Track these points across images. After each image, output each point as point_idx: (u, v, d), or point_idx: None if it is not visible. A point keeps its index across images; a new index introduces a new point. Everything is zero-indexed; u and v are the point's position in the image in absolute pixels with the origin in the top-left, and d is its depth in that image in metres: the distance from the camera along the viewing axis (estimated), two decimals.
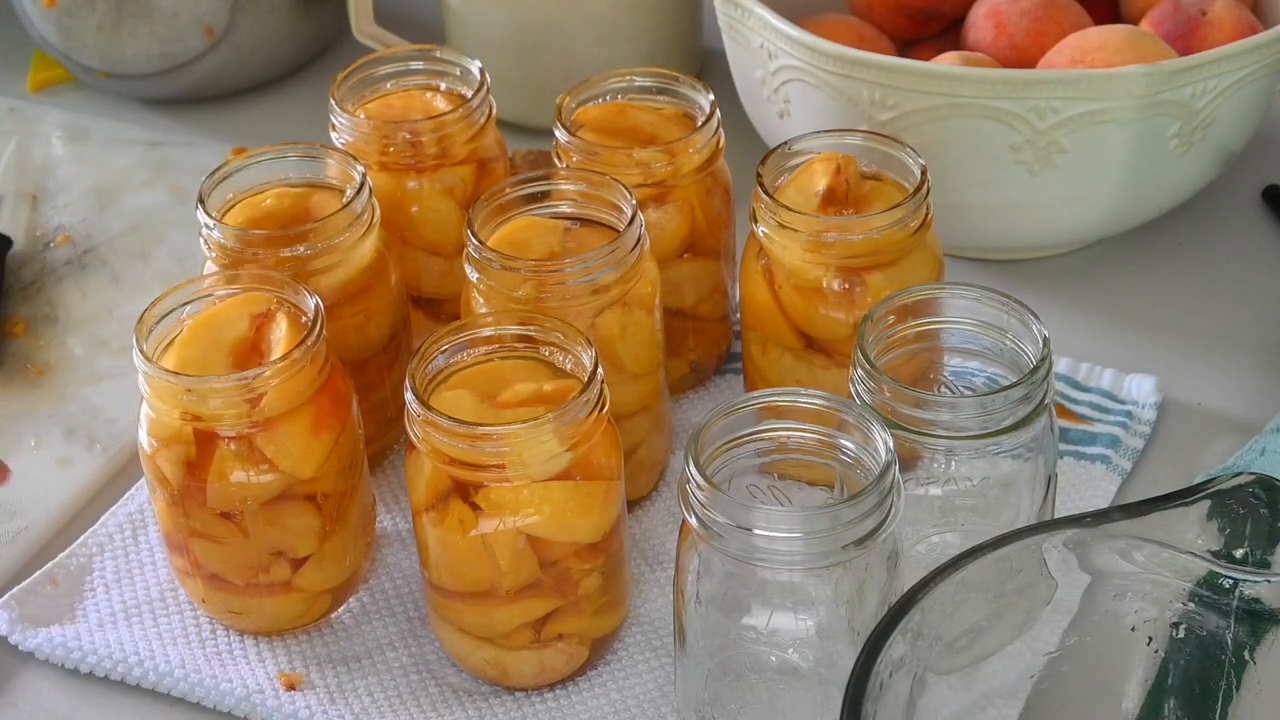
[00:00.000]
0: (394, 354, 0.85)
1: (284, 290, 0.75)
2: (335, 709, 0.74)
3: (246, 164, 0.83)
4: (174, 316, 0.75)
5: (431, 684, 0.76)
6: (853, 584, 0.65)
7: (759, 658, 0.68)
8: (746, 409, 0.67)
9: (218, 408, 0.71)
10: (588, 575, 0.72)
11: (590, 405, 0.69)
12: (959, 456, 0.71)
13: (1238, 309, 0.96)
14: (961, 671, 0.65)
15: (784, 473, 0.69)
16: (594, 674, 0.76)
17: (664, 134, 0.86)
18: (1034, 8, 0.97)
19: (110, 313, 0.98)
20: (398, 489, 0.86)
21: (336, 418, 0.74)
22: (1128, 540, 0.63)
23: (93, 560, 0.82)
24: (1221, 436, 0.87)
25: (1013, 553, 0.62)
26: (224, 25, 1.12)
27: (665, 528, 0.83)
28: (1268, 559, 0.62)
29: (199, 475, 0.72)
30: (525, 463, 0.68)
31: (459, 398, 0.71)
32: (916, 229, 0.79)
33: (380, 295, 0.82)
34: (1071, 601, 0.65)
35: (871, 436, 0.66)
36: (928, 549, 0.74)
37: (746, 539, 0.63)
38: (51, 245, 1.04)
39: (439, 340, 0.72)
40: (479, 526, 0.69)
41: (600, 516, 0.71)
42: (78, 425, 0.90)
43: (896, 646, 0.58)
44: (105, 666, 0.77)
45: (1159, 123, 0.88)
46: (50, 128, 1.15)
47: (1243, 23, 0.95)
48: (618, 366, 0.78)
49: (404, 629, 0.78)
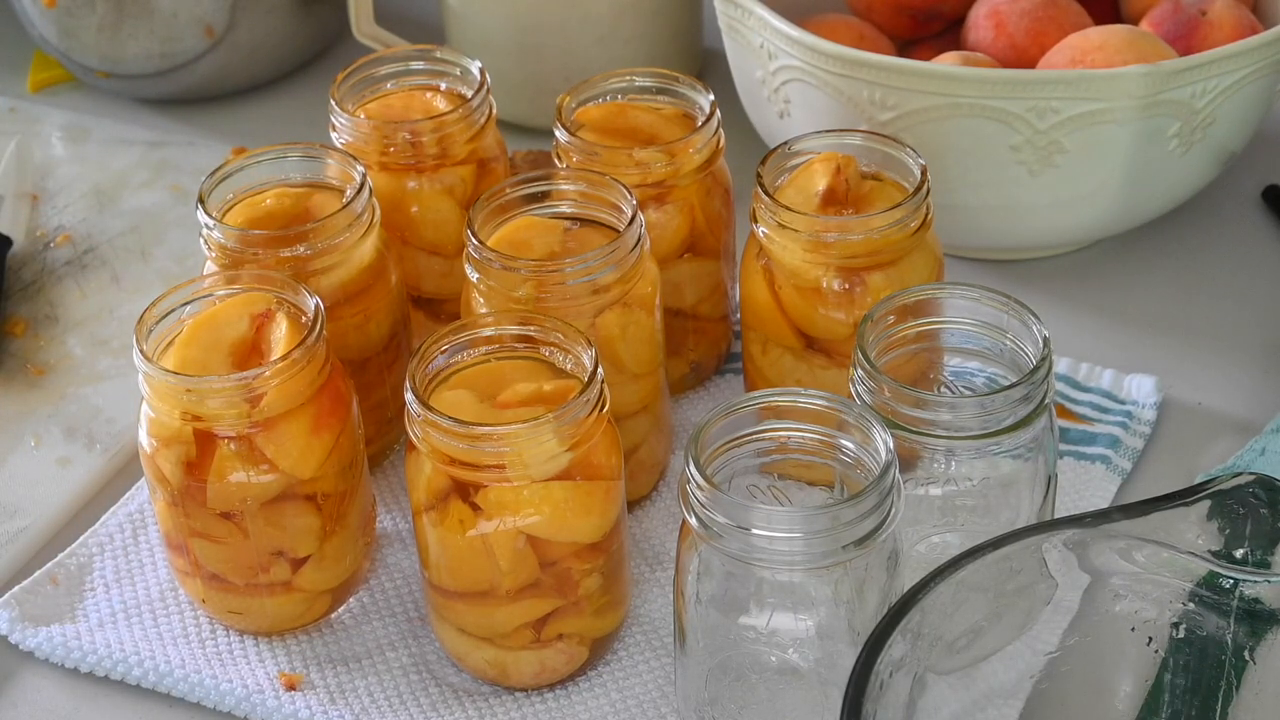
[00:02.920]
0: (394, 354, 0.85)
1: (284, 290, 0.75)
2: (335, 709, 0.74)
3: (246, 164, 0.83)
4: (174, 316, 0.75)
5: (431, 684, 0.76)
6: (853, 584, 0.65)
7: (759, 658, 0.68)
8: (746, 409, 0.67)
9: (218, 408, 0.71)
10: (588, 575, 0.72)
11: (590, 405, 0.69)
12: (959, 456, 0.71)
13: (1238, 309, 0.96)
14: (961, 671, 0.65)
15: (784, 473, 0.69)
16: (594, 674, 0.76)
17: (664, 134, 0.86)
18: (1034, 8, 0.97)
19: (110, 313, 0.98)
20: (398, 489, 0.86)
21: (336, 418, 0.74)
22: (1128, 540, 0.63)
23: (93, 560, 0.82)
24: (1221, 436, 0.87)
25: (1013, 553, 0.62)
26: (224, 25, 1.12)
27: (665, 528, 0.83)
28: (1268, 559, 0.62)
29: (199, 475, 0.72)
30: (525, 463, 0.68)
31: (459, 398, 0.71)
32: (916, 229, 0.79)
33: (380, 295, 0.82)
34: (1071, 601, 0.65)
35: (871, 436, 0.66)
36: (928, 549, 0.74)
37: (746, 539, 0.63)
38: (51, 245, 1.04)
39: (439, 340, 0.72)
40: (479, 526, 0.69)
41: (600, 516, 0.71)
42: (78, 425, 0.90)
43: (896, 646, 0.58)
44: (105, 666, 0.77)
45: (1159, 123, 0.88)
46: (50, 128, 1.15)
47: (1243, 23, 0.95)
48: (618, 366, 0.78)
49: (404, 629, 0.78)
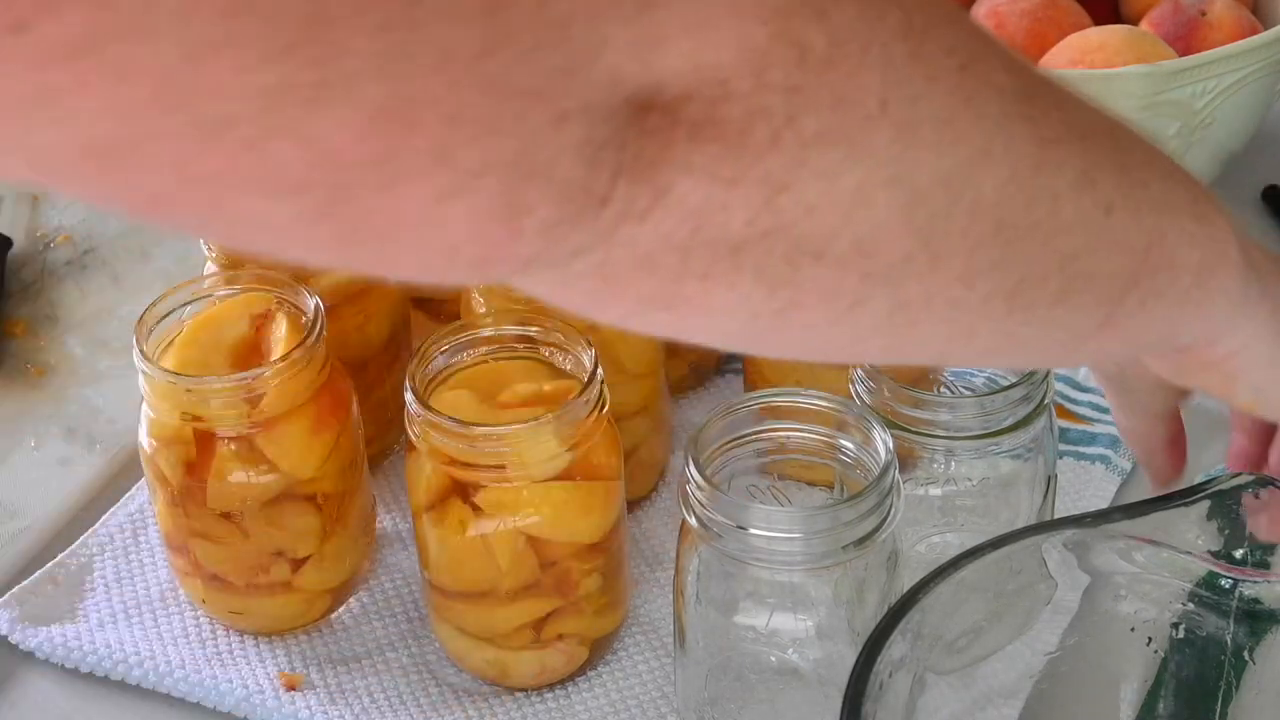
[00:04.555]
0: (394, 354, 0.85)
1: (284, 290, 0.75)
2: (335, 709, 0.74)
3: None
4: (174, 317, 0.75)
5: (431, 684, 0.76)
6: (853, 584, 0.65)
7: (759, 658, 0.67)
8: (746, 409, 0.67)
9: (218, 408, 0.71)
10: (588, 575, 0.72)
11: (590, 405, 0.69)
12: (959, 457, 0.71)
13: None
14: (961, 671, 0.65)
15: (784, 473, 0.69)
16: (594, 674, 0.76)
17: None
18: (1034, 8, 0.97)
19: (110, 313, 0.98)
20: (398, 489, 0.86)
21: (336, 418, 0.74)
22: (1128, 540, 0.63)
23: (93, 560, 0.82)
24: (1221, 436, 0.86)
25: (1013, 553, 0.62)
26: None
27: (665, 528, 0.83)
28: (1268, 559, 0.62)
29: (199, 475, 0.72)
30: (525, 463, 0.68)
31: (459, 398, 0.71)
32: None
33: (380, 295, 0.82)
34: (1071, 601, 0.65)
35: (871, 437, 0.66)
36: (928, 549, 0.74)
37: (746, 539, 0.63)
38: (51, 245, 1.04)
39: (439, 340, 0.72)
40: (479, 527, 0.69)
41: (600, 516, 0.71)
42: (78, 425, 0.90)
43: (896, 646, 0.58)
44: (105, 666, 0.77)
45: (1159, 123, 0.88)
46: None
47: (1243, 23, 0.95)
48: (618, 366, 0.78)
49: (404, 629, 0.78)
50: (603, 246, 0.39)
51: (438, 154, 0.34)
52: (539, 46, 0.34)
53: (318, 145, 0.33)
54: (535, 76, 0.35)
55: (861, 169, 0.40)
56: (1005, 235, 0.45)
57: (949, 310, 0.45)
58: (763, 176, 0.39)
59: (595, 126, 0.36)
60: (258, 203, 0.35)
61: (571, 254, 0.39)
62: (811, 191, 0.40)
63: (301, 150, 0.33)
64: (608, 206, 0.37)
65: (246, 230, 0.37)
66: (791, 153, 0.39)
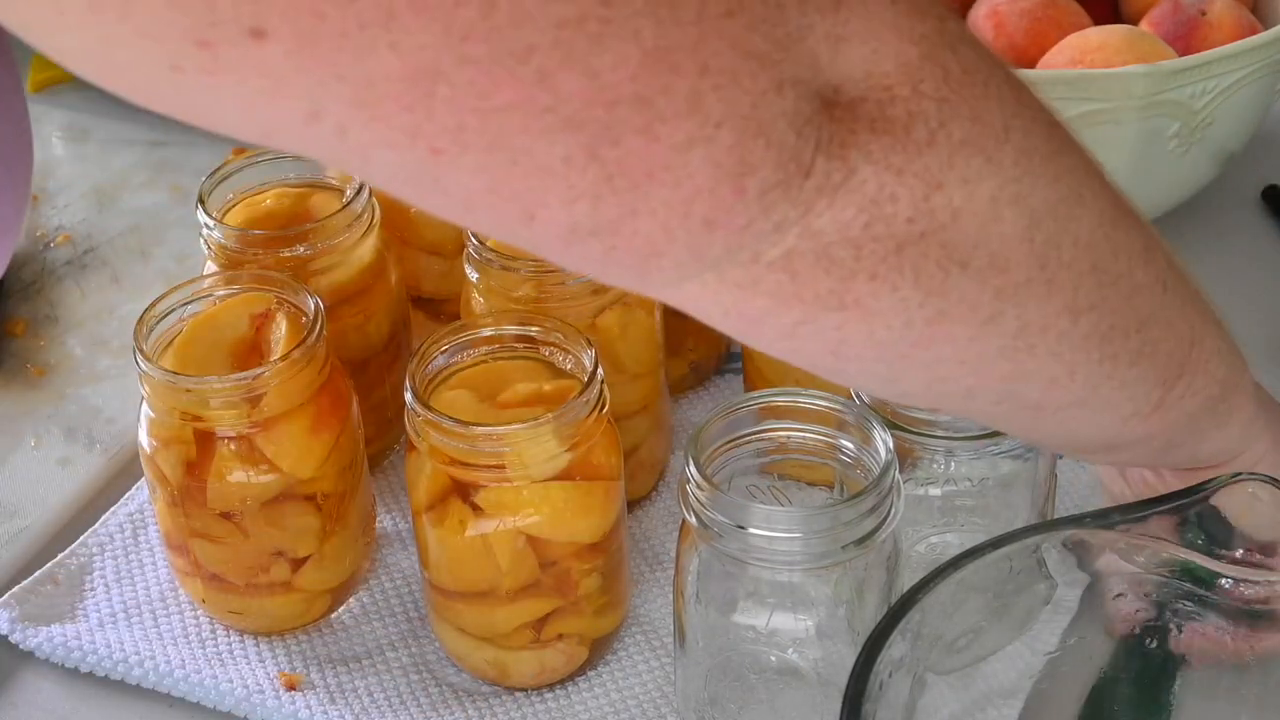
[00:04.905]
0: (394, 354, 0.85)
1: (284, 290, 0.75)
2: (335, 709, 0.74)
3: (246, 164, 0.83)
4: (174, 316, 0.75)
5: (431, 684, 0.76)
6: (852, 584, 0.65)
7: (759, 658, 0.67)
8: (746, 409, 0.67)
9: (218, 408, 0.71)
10: (587, 575, 0.72)
11: (590, 405, 0.69)
12: (959, 457, 0.71)
13: (1238, 309, 0.95)
14: (961, 671, 0.65)
15: (784, 473, 0.69)
16: (594, 674, 0.76)
17: None
18: (1034, 8, 0.97)
19: (110, 313, 0.98)
20: (398, 489, 0.86)
21: (336, 418, 0.74)
22: (1128, 540, 0.63)
23: (93, 560, 0.82)
24: None
25: (1013, 553, 0.62)
26: None
27: (665, 528, 0.83)
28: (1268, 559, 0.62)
29: (199, 475, 0.72)
30: (525, 463, 0.68)
31: (459, 398, 0.71)
32: None
33: (380, 295, 0.82)
34: (1071, 601, 0.65)
35: (871, 436, 0.66)
36: (928, 549, 0.74)
37: (746, 539, 0.63)
38: (51, 245, 1.04)
39: (439, 340, 0.72)
40: (479, 526, 0.69)
41: (600, 516, 0.71)
42: (78, 425, 0.90)
43: (896, 646, 0.58)
44: (105, 666, 0.77)
45: (1158, 123, 0.88)
46: (50, 127, 1.15)
47: (1242, 23, 0.95)
48: (618, 366, 0.78)
49: (404, 629, 0.78)
50: (798, 225, 0.43)
51: (691, 99, 0.39)
52: (766, 18, 0.40)
53: (598, 79, 0.37)
54: (766, 42, 0.40)
55: (994, 180, 0.46)
56: (1099, 278, 0.50)
57: (1058, 343, 0.50)
58: (922, 170, 0.44)
59: (803, 100, 0.41)
60: (537, 142, 0.38)
61: (774, 228, 0.43)
62: (958, 195, 0.45)
63: (584, 83, 0.37)
64: (810, 178, 0.42)
65: (520, 176, 0.39)
66: (944, 153, 0.45)
